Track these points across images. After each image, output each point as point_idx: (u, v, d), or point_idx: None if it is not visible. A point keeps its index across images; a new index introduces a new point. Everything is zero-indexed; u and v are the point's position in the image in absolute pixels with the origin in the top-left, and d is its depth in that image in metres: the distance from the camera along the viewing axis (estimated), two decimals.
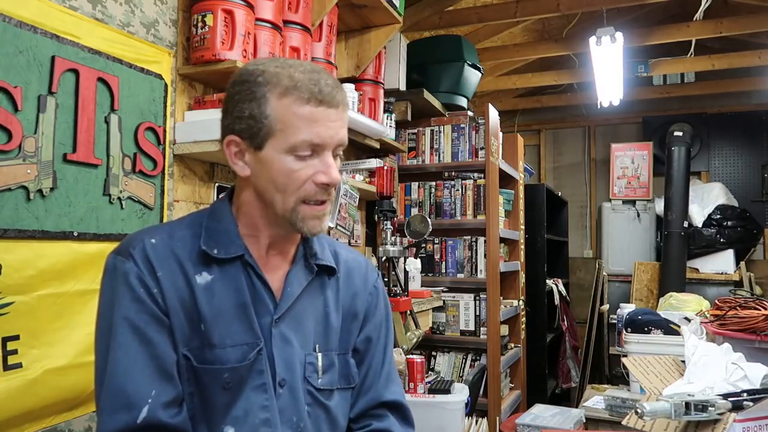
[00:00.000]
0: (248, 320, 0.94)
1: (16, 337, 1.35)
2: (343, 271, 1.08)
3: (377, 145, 2.81)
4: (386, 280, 2.50)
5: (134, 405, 0.85)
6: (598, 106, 4.75)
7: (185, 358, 0.90)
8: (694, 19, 3.55)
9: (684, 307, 2.63)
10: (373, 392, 1.07)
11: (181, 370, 0.90)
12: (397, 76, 3.03)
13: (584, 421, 1.95)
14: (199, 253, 0.94)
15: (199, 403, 0.91)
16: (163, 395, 0.87)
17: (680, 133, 4.92)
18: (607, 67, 4.07)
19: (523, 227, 3.69)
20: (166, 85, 1.79)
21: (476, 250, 3.12)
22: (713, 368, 1.40)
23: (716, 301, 1.77)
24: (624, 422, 1.32)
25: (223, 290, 0.94)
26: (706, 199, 5.03)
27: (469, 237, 3.14)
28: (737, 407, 1.17)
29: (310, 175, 0.91)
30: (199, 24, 1.81)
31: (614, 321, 3.79)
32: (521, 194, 3.67)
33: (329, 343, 1.03)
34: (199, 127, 1.82)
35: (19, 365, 1.35)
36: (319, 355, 1.00)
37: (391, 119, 2.95)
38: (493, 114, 3.18)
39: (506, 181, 3.47)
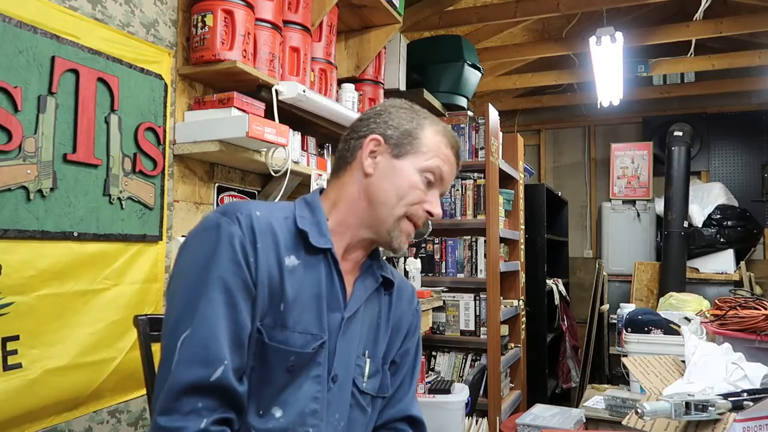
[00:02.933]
0: (319, 312, 0.97)
1: (16, 338, 1.35)
2: (396, 291, 1.14)
3: None
4: None
5: (211, 363, 0.86)
6: (598, 106, 4.75)
7: (258, 332, 0.92)
8: (694, 19, 3.54)
9: (684, 307, 2.63)
10: (402, 405, 1.12)
11: (251, 343, 0.92)
12: (397, 76, 3.02)
13: (584, 421, 1.95)
14: (294, 236, 0.98)
15: (257, 379, 0.93)
16: (234, 361, 0.89)
17: (680, 133, 4.92)
18: (607, 67, 4.07)
19: (523, 227, 3.69)
20: (166, 85, 1.79)
21: (476, 250, 3.12)
22: (713, 368, 1.40)
23: (716, 301, 1.77)
24: (624, 422, 1.31)
25: (305, 278, 0.97)
26: (706, 199, 5.03)
27: (469, 237, 3.14)
28: (737, 407, 1.17)
29: (423, 200, 1.04)
30: (199, 24, 1.81)
31: (614, 321, 3.79)
32: (521, 194, 3.66)
33: (377, 351, 1.08)
34: (199, 127, 1.82)
35: (19, 365, 1.35)
36: (368, 360, 1.05)
37: None
38: (493, 114, 3.18)
39: (506, 181, 3.47)
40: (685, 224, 4.73)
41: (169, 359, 0.87)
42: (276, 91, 1.97)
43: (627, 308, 2.55)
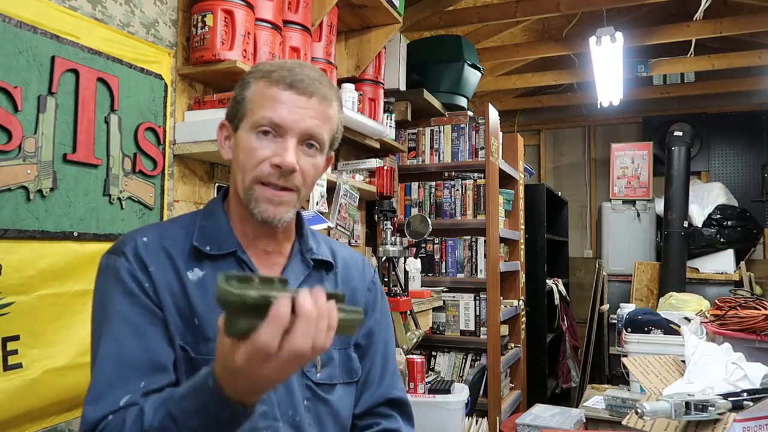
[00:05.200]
0: None
1: (16, 338, 1.35)
2: (341, 267, 1.08)
3: (377, 145, 2.81)
4: (386, 280, 2.50)
5: (120, 395, 0.84)
6: (598, 106, 4.75)
7: (182, 349, 0.90)
8: (694, 19, 3.54)
9: (684, 307, 2.63)
10: (380, 388, 1.08)
11: (179, 362, 0.90)
12: (397, 76, 3.02)
13: (584, 421, 1.95)
14: (191, 251, 0.95)
15: None
16: (154, 384, 0.86)
17: (680, 133, 4.93)
18: (607, 67, 4.07)
19: (523, 227, 3.69)
20: (166, 85, 1.79)
21: (476, 250, 3.12)
22: (713, 368, 1.40)
23: (716, 301, 1.77)
24: (624, 422, 1.32)
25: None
26: (706, 199, 5.03)
27: (469, 237, 3.14)
28: (737, 407, 1.18)
29: (267, 156, 0.91)
30: (199, 24, 1.81)
31: (614, 321, 3.79)
32: (521, 194, 3.67)
33: None
34: (199, 127, 1.82)
35: (19, 365, 1.35)
36: None
37: (391, 119, 2.95)
38: (493, 114, 3.18)
39: (506, 181, 3.47)
40: (685, 224, 4.73)
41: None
42: None
43: (627, 308, 2.56)
